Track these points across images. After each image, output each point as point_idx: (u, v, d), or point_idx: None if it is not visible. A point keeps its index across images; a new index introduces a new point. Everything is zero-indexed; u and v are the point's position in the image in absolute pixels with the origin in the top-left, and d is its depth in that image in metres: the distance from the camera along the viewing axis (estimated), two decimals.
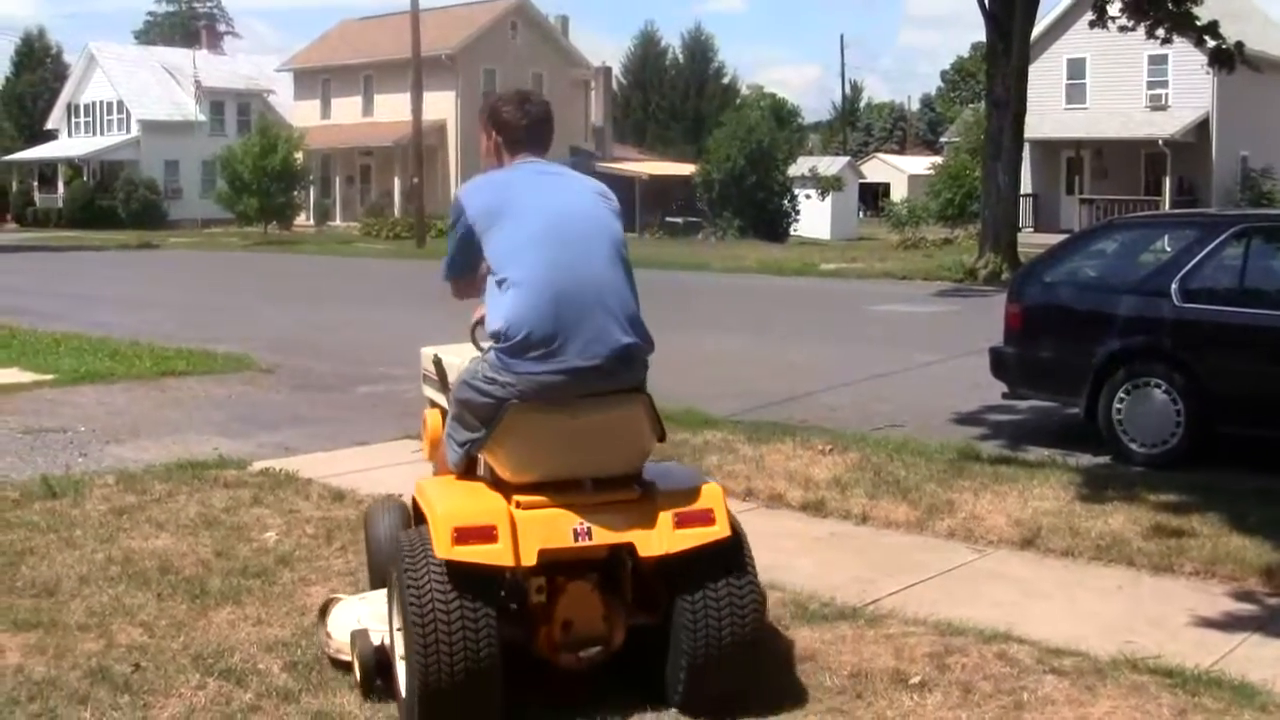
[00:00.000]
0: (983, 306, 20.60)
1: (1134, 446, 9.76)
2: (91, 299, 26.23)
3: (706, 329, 19.40)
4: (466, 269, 4.99)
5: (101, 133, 70.37)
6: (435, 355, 5.76)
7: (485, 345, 4.87)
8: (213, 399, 12.76)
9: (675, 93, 70.74)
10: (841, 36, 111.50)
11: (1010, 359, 10.81)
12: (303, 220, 58.61)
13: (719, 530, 4.77)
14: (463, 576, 4.52)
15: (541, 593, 4.77)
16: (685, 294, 26.57)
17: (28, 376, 13.98)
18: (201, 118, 69.07)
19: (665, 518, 4.72)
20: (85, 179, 68.46)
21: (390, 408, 11.98)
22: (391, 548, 5.13)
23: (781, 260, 35.44)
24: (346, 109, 61.47)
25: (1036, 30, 35.70)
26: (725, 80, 72.32)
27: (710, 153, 51.25)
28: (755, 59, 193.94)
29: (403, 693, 4.74)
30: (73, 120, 72.64)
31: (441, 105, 55.70)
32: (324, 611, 5.58)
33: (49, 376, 13.92)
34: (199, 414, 11.90)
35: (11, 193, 72.87)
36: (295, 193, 54.74)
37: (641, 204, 55.40)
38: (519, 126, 5.13)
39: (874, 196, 70.60)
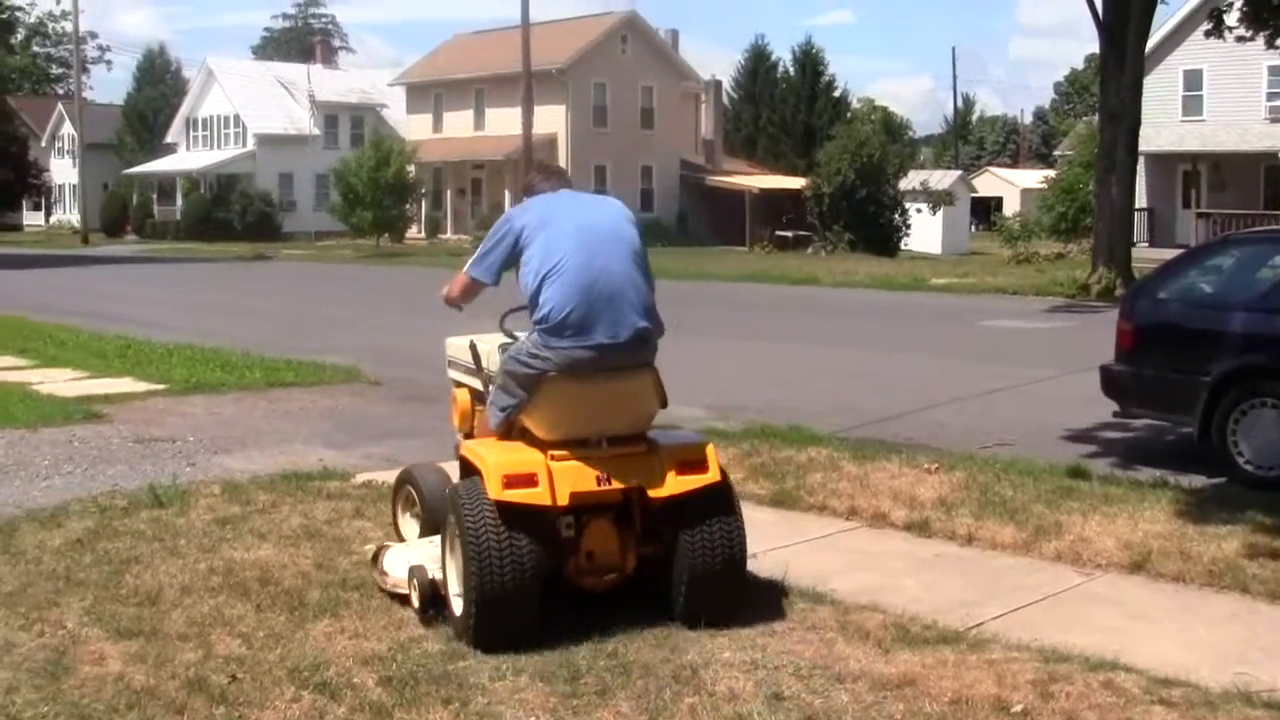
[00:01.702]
0: (1095, 323, 20.23)
1: (1249, 468, 9.50)
2: (205, 309, 26.67)
3: (813, 343, 19.29)
4: (491, 271, 6.15)
5: (218, 146, 71.56)
6: (471, 341, 6.91)
7: (514, 331, 6.30)
8: (320, 410, 12.88)
9: (786, 106, 70.31)
10: (953, 49, 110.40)
11: (1122, 377, 10.60)
12: (414, 233, 59.17)
13: (712, 476, 6.02)
14: (510, 514, 5.72)
15: (570, 528, 5.98)
16: (793, 308, 26.48)
17: (141, 386, 14.22)
18: (316, 131, 69.98)
19: (669, 467, 5.96)
20: (202, 191, 69.63)
21: None
22: (438, 502, 6.62)
23: (891, 275, 35.14)
24: (458, 122, 61.90)
25: (1152, 41, 35.03)
26: (836, 93, 71.67)
27: (821, 166, 50.97)
28: (866, 72, 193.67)
29: (456, 612, 5.89)
30: (191, 134, 73.95)
31: (552, 119, 55.92)
32: (376, 558, 6.73)
33: (161, 386, 14.16)
34: (306, 425, 12.02)
35: (132, 205, 74.42)
36: (407, 205, 55.28)
37: (751, 217, 55.36)
38: (552, 174, 6.77)
39: (986, 211, 69.86)
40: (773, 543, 7.56)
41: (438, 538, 6.35)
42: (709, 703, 5.10)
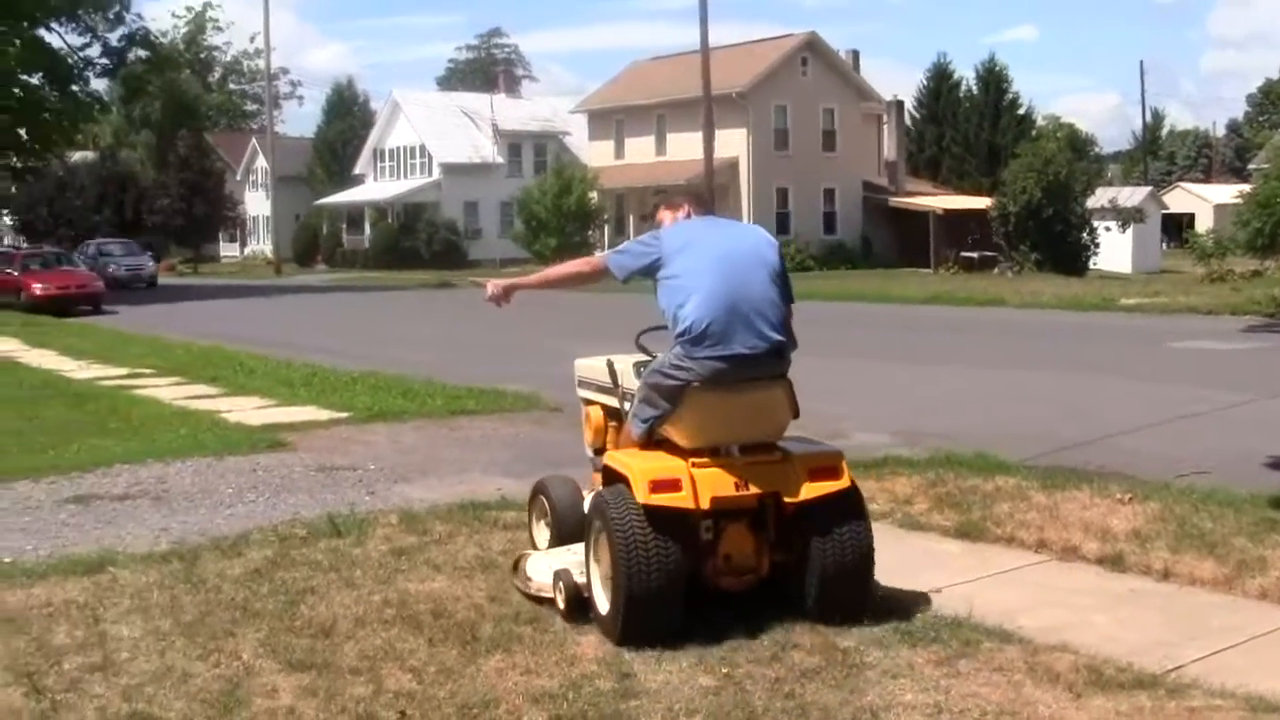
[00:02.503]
0: None
1: None
2: (391, 338, 27.08)
3: (1000, 367, 18.85)
4: (625, 270, 6.61)
5: (405, 176, 72.94)
6: (608, 360, 7.34)
7: (650, 350, 6.77)
8: (500, 438, 12.88)
9: (969, 125, 69.33)
10: (1141, 63, 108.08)
11: None
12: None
13: (843, 482, 6.35)
14: (656, 518, 6.04)
15: (709, 532, 6.28)
16: (979, 330, 25.97)
17: (324, 414, 14.41)
18: (499, 160, 70.98)
19: (801, 473, 6.29)
20: (390, 221, 71.01)
21: None
22: (567, 511, 7.30)
23: (1080, 295, 34.27)
24: (639, 148, 62.18)
25: None
26: (1020, 111, 70.43)
27: (1006, 185, 50.04)
28: (1051, 88, 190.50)
29: (602, 612, 6.25)
30: (378, 165, 75.52)
31: (733, 142, 55.89)
32: (516, 565, 7.17)
33: (344, 414, 14.33)
34: (486, 453, 12.02)
35: (322, 235, 76.29)
36: (590, 232, 55.67)
37: (936, 238, 54.59)
38: (695, 199, 7.05)
39: (1178, 228, 67.80)
40: (958, 576, 7.30)
41: (575, 546, 6.85)
42: None
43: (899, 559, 7.68)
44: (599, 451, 7.39)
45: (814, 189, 58.75)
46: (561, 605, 6.52)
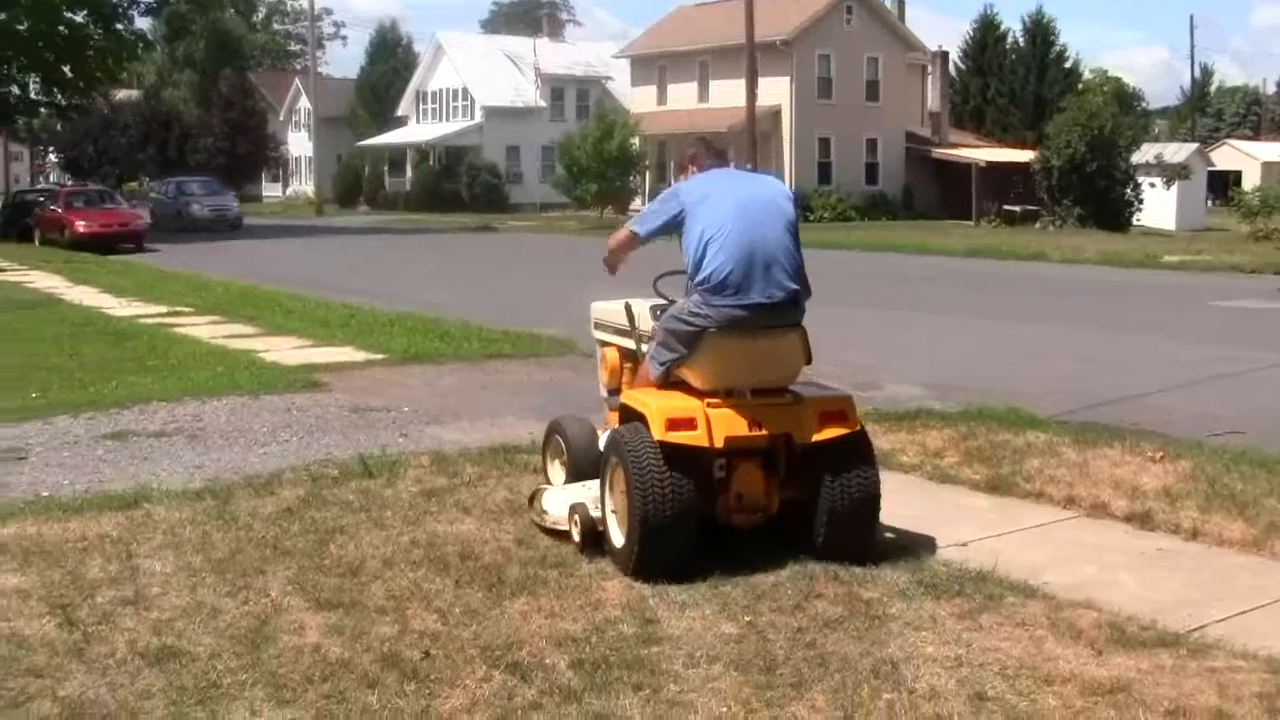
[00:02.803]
0: None
1: None
2: (430, 279, 27.16)
3: (1038, 322, 18.76)
4: (651, 230, 6.87)
5: (447, 119, 72.88)
6: (626, 303, 7.56)
7: (667, 294, 7.13)
8: (534, 382, 12.91)
9: (1015, 77, 68.73)
10: (1191, 17, 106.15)
11: None
12: (637, 205, 59.34)
13: (852, 425, 6.58)
14: (671, 454, 6.28)
15: (722, 470, 6.53)
16: (1019, 285, 25.83)
17: (360, 355, 14.49)
18: (542, 104, 70.79)
19: (812, 416, 6.51)
20: (431, 163, 71.07)
21: None
22: (582, 450, 7.46)
23: (1122, 251, 34.01)
24: (682, 95, 61.88)
25: None
26: (1067, 64, 69.77)
27: (1050, 139, 49.62)
28: (1099, 42, 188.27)
29: (616, 545, 6.51)
30: (421, 107, 75.48)
31: (776, 91, 55.56)
32: (533, 499, 7.40)
33: (380, 356, 14.40)
34: (519, 397, 12.05)
35: (364, 176, 76.44)
36: (631, 178, 55.48)
37: (979, 191, 54.20)
38: (716, 152, 7.28)
39: (1224, 185, 67.11)
40: (985, 531, 7.31)
41: (590, 482, 7.08)
42: (908, 701, 4.89)
43: (927, 511, 7.71)
44: (614, 392, 7.64)
45: (856, 139, 58.39)
46: (577, 538, 6.79)
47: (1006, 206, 52.03)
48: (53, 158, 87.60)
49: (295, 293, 21.95)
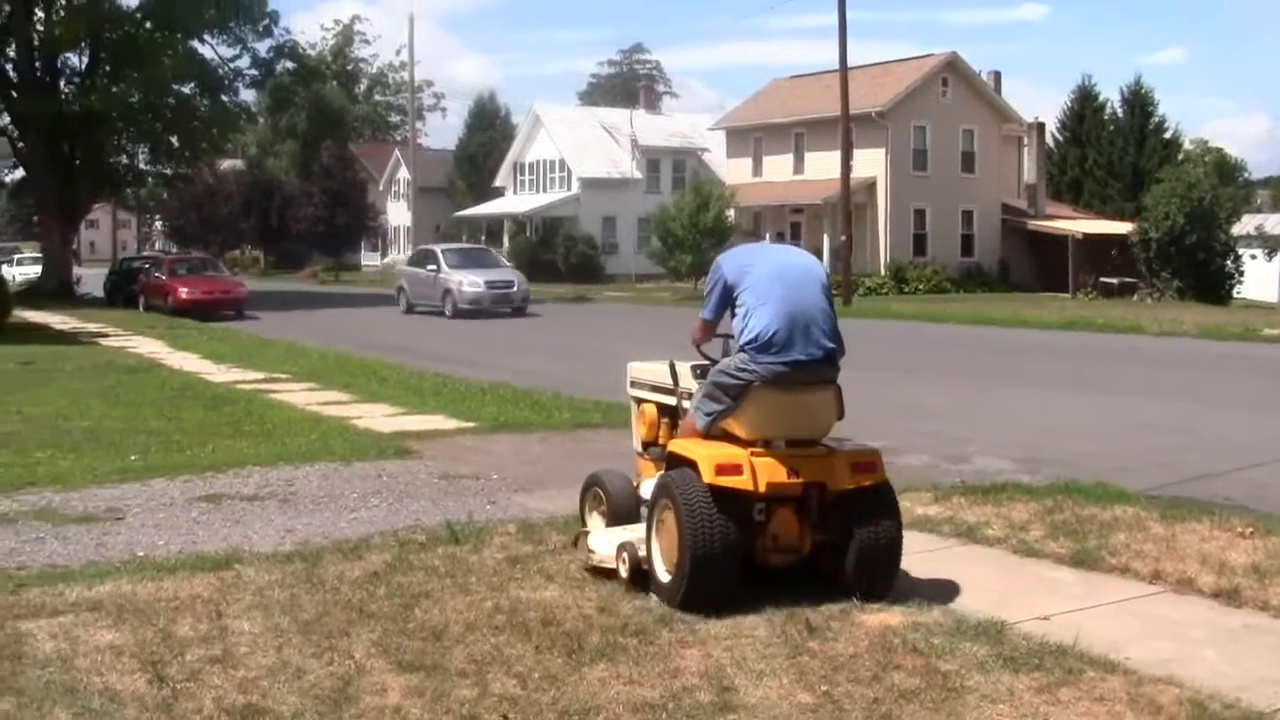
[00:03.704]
0: None
1: None
2: (524, 349, 27.38)
3: (1133, 395, 18.56)
4: (720, 311, 7.48)
5: (544, 190, 73.57)
6: (671, 362, 8.24)
7: (709, 355, 7.76)
8: (623, 451, 12.74)
9: (1113, 148, 68.31)
10: None
11: None
12: None
13: (879, 476, 7.23)
14: (719, 496, 6.90)
15: (761, 514, 7.12)
16: (1115, 358, 25.56)
17: (452, 423, 14.66)
18: (638, 175, 71.27)
19: (844, 466, 7.13)
20: (528, 234, 71.70)
21: None
22: (622, 499, 8.15)
23: (1221, 324, 33.57)
24: (777, 166, 62.09)
25: None
26: (1166, 134, 69.31)
27: (1148, 210, 49.23)
28: (1198, 111, 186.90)
29: (663, 580, 7.13)
30: (518, 178, 76.26)
31: (871, 162, 55.62)
32: (576, 541, 8.08)
33: (471, 424, 14.56)
34: (606, 466, 12.07)
35: None
36: (725, 250, 55.57)
37: (1075, 263, 53.75)
38: (742, 231, 8.23)
39: None
40: (1068, 605, 7.26)
41: (631, 526, 7.81)
42: None
43: (1010, 584, 7.69)
44: (648, 445, 8.38)
45: (952, 210, 58.22)
46: (624, 574, 7.39)
47: (1104, 279, 51.57)
48: (158, 225, 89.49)
49: (389, 360, 22.26)
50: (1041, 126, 65.34)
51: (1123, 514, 9.38)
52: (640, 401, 8.67)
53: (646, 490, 7.82)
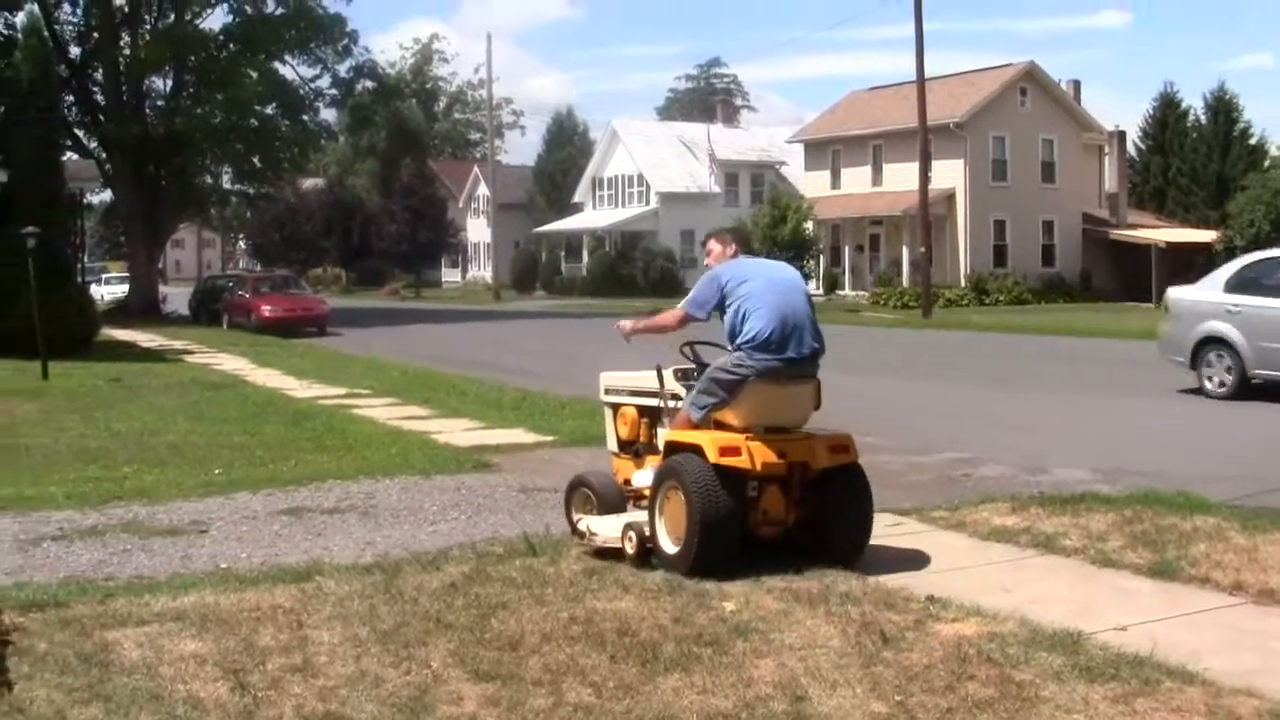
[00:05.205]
0: None
1: None
2: (604, 364, 27.36)
3: (1212, 404, 18.32)
4: (705, 310, 8.48)
5: (623, 205, 73.87)
6: (658, 366, 9.03)
7: (699, 356, 8.81)
8: None
9: (1196, 155, 67.42)
10: None
11: None
12: (812, 289, 59.11)
13: (852, 456, 8.34)
14: (722, 475, 7.87)
15: (754, 490, 8.08)
16: None
17: (531, 437, 14.76)
18: (716, 189, 71.41)
19: (822, 448, 8.20)
20: (607, 249, 72.02)
21: (892, 480, 11.88)
22: (611, 494, 9.01)
23: None
24: (856, 178, 61.87)
25: None
26: (1251, 141, 68.31)
27: (1233, 218, 48.59)
28: None
29: (669, 553, 8.06)
30: (596, 193, 76.63)
31: (950, 173, 55.32)
32: (575, 528, 8.97)
33: (550, 438, 14.66)
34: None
35: (540, 262, 77.72)
36: (805, 262, 55.59)
37: (1159, 273, 53.10)
38: (743, 241, 9.14)
39: None
40: (1145, 615, 7.20)
41: (620, 514, 8.71)
42: None
43: (1087, 595, 7.65)
44: (625, 444, 9.36)
45: (1032, 221, 57.78)
46: (631, 551, 8.27)
47: None
48: (242, 244, 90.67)
49: (469, 375, 22.42)
50: (1122, 135, 64.77)
51: (1203, 524, 9.29)
52: (618, 406, 9.55)
53: (638, 481, 8.83)
